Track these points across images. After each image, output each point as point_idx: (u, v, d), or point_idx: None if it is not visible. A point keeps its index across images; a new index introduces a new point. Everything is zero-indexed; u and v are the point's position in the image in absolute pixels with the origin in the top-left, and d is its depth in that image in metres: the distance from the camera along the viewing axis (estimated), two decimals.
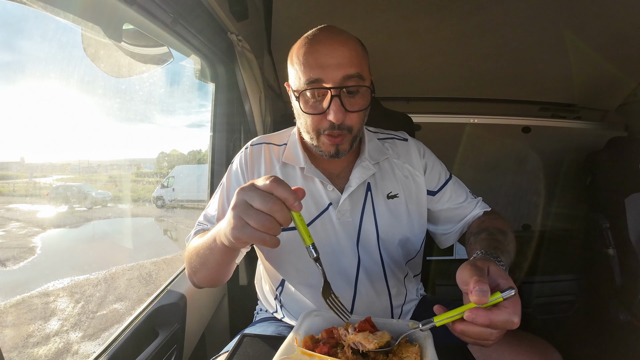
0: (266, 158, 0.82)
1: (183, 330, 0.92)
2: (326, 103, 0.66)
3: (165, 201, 2.33)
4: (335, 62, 0.65)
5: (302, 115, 0.71)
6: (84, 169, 1.55)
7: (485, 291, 0.45)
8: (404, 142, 0.88)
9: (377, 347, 0.50)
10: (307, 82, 0.66)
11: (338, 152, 0.71)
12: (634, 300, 1.46)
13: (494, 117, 1.86)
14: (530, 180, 1.94)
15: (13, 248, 1.25)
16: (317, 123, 0.69)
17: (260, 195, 0.48)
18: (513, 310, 0.46)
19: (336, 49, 0.66)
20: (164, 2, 0.80)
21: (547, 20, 1.27)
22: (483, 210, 0.84)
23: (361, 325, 0.55)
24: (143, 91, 1.22)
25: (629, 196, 1.53)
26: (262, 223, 0.47)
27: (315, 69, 0.65)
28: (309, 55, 0.67)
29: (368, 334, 0.52)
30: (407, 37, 1.40)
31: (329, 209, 0.76)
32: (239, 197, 0.50)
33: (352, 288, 0.77)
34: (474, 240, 0.74)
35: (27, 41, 0.84)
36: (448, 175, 0.87)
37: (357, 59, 0.67)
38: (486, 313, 0.46)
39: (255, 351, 0.59)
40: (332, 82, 0.65)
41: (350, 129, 0.69)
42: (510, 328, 0.46)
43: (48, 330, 1.15)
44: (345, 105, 0.66)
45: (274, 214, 0.48)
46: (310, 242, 0.51)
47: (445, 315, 0.49)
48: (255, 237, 0.49)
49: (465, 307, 0.48)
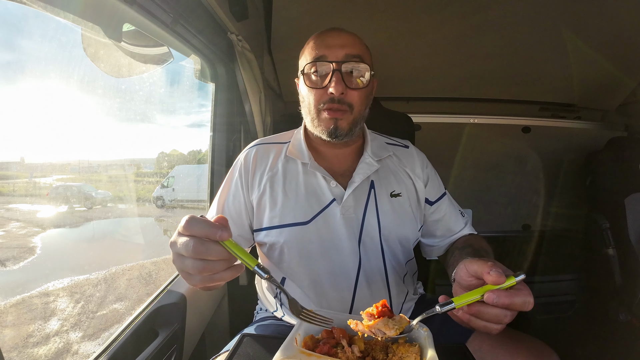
0: (268, 158, 0.83)
1: (183, 330, 0.91)
2: (328, 78, 0.72)
3: (165, 201, 2.33)
4: (340, 42, 0.73)
5: (306, 95, 0.76)
6: (84, 169, 1.55)
7: (501, 273, 0.47)
8: (407, 150, 0.90)
9: (397, 333, 0.49)
10: (313, 58, 0.74)
11: (337, 129, 0.74)
12: (633, 300, 1.46)
13: (494, 117, 1.86)
14: (530, 180, 1.94)
15: (13, 248, 1.25)
16: (318, 97, 0.74)
17: (183, 242, 0.46)
18: (528, 292, 0.48)
19: (342, 33, 0.76)
20: (164, 2, 0.80)
21: (547, 20, 1.27)
22: (470, 232, 0.87)
23: (378, 310, 0.52)
24: (143, 91, 1.22)
25: (629, 196, 1.53)
26: (198, 269, 0.46)
27: (321, 48, 0.74)
28: (317, 39, 0.76)
29: (387, 320, 0.50)
30: (407, 37, 1.40)
31: (332, 204, 0.77)
32: (172, 250, 0.49)
33: (352, 285, 0.77)
34: (459, 253, 0.77)
35: (27, 41, 0.84)
36: (443, 190, 0.90)
37: (360, 45, 0.76)
38: (507, 293, 0.46)
39: (255, 351, 0.59)
40: (335, 58, 0.72)
41: (351, 105, 0.74)
42: (527, 309, 0.47)
43: (48, 330, 1.15)
44: (346, 82, 0.72)
45: (202, 255, 0.45)
46: (255, 264, 0.47)
47: (464, 297, 0.48)
48: (206, 281, 0.47)
49: (479, 290, 0.48)
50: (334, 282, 0.78)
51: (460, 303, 0.48)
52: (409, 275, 0.87)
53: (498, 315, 0.47)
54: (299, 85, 0.80)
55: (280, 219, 0.77)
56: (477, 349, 0.69)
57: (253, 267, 0.47)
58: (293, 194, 0.78)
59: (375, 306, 0.53)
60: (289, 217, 0.77)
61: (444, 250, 0.88)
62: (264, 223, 0.79)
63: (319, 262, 0.77)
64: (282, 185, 0.79)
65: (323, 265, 0.77)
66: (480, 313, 0.48)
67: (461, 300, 0.48)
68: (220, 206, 0.82)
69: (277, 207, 0.78)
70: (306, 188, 0.79)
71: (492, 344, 0.69)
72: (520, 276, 0.47)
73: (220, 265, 0.46)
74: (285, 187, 0.79)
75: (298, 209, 0.77)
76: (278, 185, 0.79)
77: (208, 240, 0.46)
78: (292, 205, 0.77)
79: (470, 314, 0.49)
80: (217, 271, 0.46)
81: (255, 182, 0.81)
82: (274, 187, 0.79)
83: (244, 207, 0.81)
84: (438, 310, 0.49)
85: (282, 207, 0.77)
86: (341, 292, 0.78)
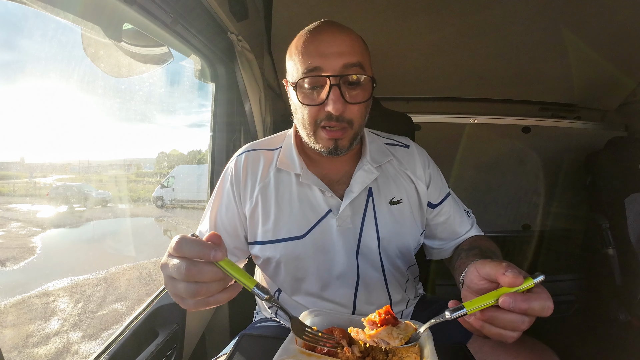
0: (258, 167, 0.78)
1: (183, 331, 0.91)
2: (325, 93, 0.62)
3: (165, 201, 2.33)
4: (336, 50, 0.62)
5: (300, 108, 0.67)
6: (84, 169, 1.55)
7: (518, 274, 0.43)
8: (407, 149, 0.84)
9: (402, 343, 0.46)
10: (306, 70, 0.63)
11: (337, 148, 0.67)
12: (634, 300, 1.46)
13: (494, 117, 1.86)
14: (530, 180, 1.94)
15: (13, 248, 1.25)
16: (314, 115, 0.65)
17: (174, 265, 0.43)
18: (547, 295, 0.43)
19: (337, 37, 0.63)
20: (164, 2, 0.80)
21: (547, 20, 1.27)
22: (477, 233, 0.83)
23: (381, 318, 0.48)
24: (143, 91, 1.22)
25: (629, 196, 1.53)
26: (192, 292, 0.42)
27: (314, 57, 0.62)
28: (309, 44, 0.64)
29: (392, 329, 0.47)
30: (407, 36, 1.40)
31: (328, 215, 0.73)
32: (163, 273, 0.46)
33: (352, 298, 0.75)
34: (466, 255, 0.73)
35: (27, 41, 0.84)
36: (447, 190, 0.85)
37: (358, 49, 0.65)
38: (525, 297, 0.42)
39: (255, 351, 0.59)
40: (332, 70, 0.62)
41: (351, 122, 0.66)
42: (546, 315, 0.43)
43: (48, 330, 1.15)
44: (345, 96, 0.62)
45: (195, 278, 0.42)
46: (253, 285, 0.45)
47: (477, 302, 0.43)
48: (200, 305, 0.45)
49: (493, 293, 0.43)
50: (332, 294, 0.75)
51: (472, 308, 0.43)
52: (411, 280, 0.85)
53: (514, 321, 0.43)
54: (289, 92, 0.70)
55: (273, 233, 0.73)
56: (478, 349, 0.68)
57: (251, 288, 0.44)
58: (287, 207, 0.73)
59: (378, 313, 0.49)
60: (283, 231, 0.73)
61: (450, 253, 0.83)
62: (258, 237, 0.75)
63: (316, 275, 0.74)
64: (274, 197, 0.74)
65: (320, 278, 0.74)
66: (494, 319, 0.44)
67: (473, 305, 0.43)
68: (213, 218, 0.78)
69: (270, 221, 0.73)
70: (300, 200, 0.74)
71: (493, 344, 0.68)
72: (539, 277, 0.43)
73: (215, 287, 0.43)
74: (278, 200, 0.74)
75: (292, 223, 0.73)
76: (270, 198, 0.74)
77: (201, 261, 0.43)
78: (286, 219, 0.73)
79: (484, 320, 0.44)
80: (211, 294, 0.44)
81: (247, 193, 0.76)
82: (266, 199, 0.74)
83: (237, 219, 0.77)
84: (448, 316, 0.45)
85: (275, 221, 0.73)
86: (340, 304, 0.75)
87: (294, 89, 0.66)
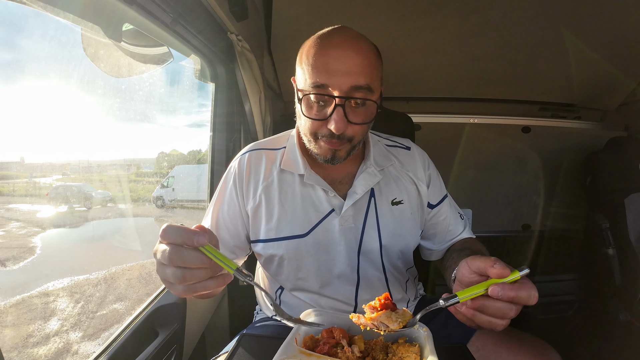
0: (262, 166, 0.79)
1: (183, 330, 0.91)
2: (329, 110, 0.63)
3: (165, 201, 2.32)
4: (345, 69, 0.61)
5: (303, 117, 0.68)
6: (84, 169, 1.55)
7: (505, 266, 0.47)
8: (408, 151, 0.86)
9: (401, 327, 0.49)
10: (313, 85, 0.63)
11: (334, 158, 0.69)
12: (634, 300, 1.46)
13: (494, 117, 1.86)
14: (530, 180, 1.94)
15: (13, 248, 1.25)
16: (316, 128, 0.66)
17: (162, 251, 0.45)
18: (532, 285, 0.47)
19: (348, 55, 0.61)
20: (164, 2, 0.80)
21: (547, 20, 1.27)
22: (469, 235, 0.86)
23: (381, 303, 0.51)
24: (143, 91, 1.22)
25: (629, 196, 1.53)
26: (179, 278, 0.44)
27: (322, 74, 0.62)
28: (318, 58, 0.63)
29: (390, 313, 0.50)
30: (407, 36, 1.40)
31: (331, 215, 0.75)
32: (155, 259, 0.48)
33: (353, 296, 0.76)
34: (457, 255, 0.75)
35: (27, 41, 0.84)
36: (445, 192, 0.87)
37: (368, 69, 0.63)
38: (512, 286, 0.46)
39: (255, 351, 0.59)
40: (339, 90, 0.61)
41: (351, 139, 0.67)
42: (531, 303, 0.47)
43: (48, 330, 1.15)
44: (348, 116, 0.63)
45: (180, 263, 0.44)
46: (235, 267, 0.47)
47: (468, 291, 0.48)
48: (188, 291, 0.46)
49: (483, 284, 0.47)
50: (334, 292, 0.76)
51: (464, 297, 0.47)
52: (411, 280, 0.86)
53: (503, 308, 0.47)
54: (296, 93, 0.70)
55: (276, 231, 0.75)
56: (480, 347, 0.69)
57: (232, 271, 0.46)
58: (290, 206, 0.75)
59: (378, 299, 0.52)
60: (285, 229, 0.74)
61: (443, 254, 0.86)
62: (261, 235, 0.76)
63: (318, 273, 0.75)
64: (277, 196, 0.75)
65: (321, 277, 0.76)
66: (484, 307, 0.47)
67: (465, 294, 0.48)
68: (215, 216, 0.79)
69: (274, 219, 0.75)
70: (303, 199, 0.75)
71: (495, 342, 0.69)
72: (525, 270, 0.47)
73: (201, 273, 0.45)
74: (281, 199, 0.75)
75: (295, 222, 0.74)
76: (274, 197, 0.76)
77: (186, 247, 0.45)
78: (289, 217, 0.74)
79: (474, 309, 0.48)
80: (198, 279, 0.45)
81: (250, 192, 0.77)
82: (269, 198, 0.76)
83: (239, 217, 0.78)
84: (442, 304, 0.48)
85: (278, 219, 0.74)
86: (341, 303, 0.77)
87: (299, 100, 0.67)
